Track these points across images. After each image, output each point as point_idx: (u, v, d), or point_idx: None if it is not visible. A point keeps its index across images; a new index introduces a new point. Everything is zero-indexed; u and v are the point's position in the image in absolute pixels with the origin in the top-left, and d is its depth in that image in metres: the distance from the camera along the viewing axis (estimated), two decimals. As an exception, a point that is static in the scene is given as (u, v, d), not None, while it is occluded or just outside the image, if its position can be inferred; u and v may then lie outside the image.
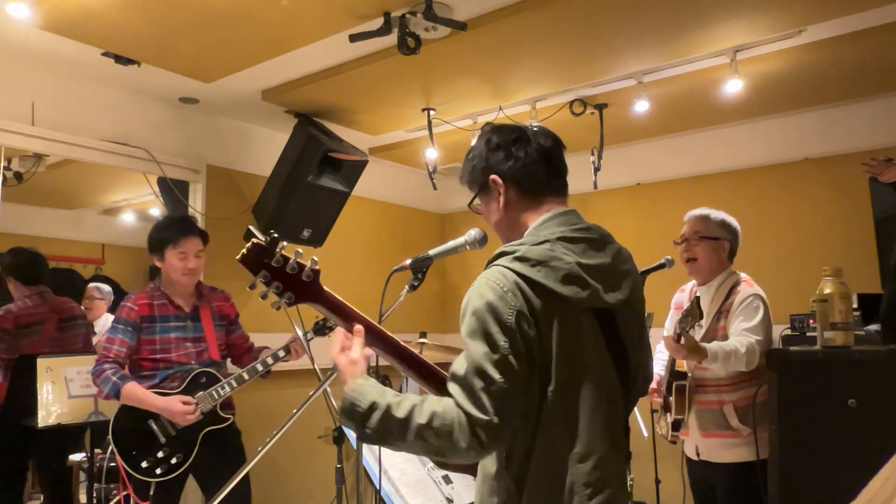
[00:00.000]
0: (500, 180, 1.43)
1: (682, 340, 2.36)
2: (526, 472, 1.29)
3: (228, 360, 3.12)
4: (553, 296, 1.27)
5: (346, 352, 1.38)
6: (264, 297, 1.37)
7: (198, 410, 2.72)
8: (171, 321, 2.85)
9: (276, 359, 2.90)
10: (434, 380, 1.42)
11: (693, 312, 2.39)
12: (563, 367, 1.27)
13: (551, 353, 1.27)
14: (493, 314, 1.24)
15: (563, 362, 1.27)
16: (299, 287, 1.37)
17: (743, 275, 2.63)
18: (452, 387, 1.25)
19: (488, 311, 1.25)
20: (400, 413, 1.24)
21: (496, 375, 1.21)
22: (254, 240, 1.36)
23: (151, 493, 2.72)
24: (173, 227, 2.88)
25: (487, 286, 1.27)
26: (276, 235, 1.36)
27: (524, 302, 1.25)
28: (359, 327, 1.38)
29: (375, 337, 1.40)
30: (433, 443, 1.22)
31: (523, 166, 1.43)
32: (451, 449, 1.21)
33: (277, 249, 1.36)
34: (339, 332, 1.41)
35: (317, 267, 1.38)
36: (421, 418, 1.22)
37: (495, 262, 1.33)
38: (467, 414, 1.20)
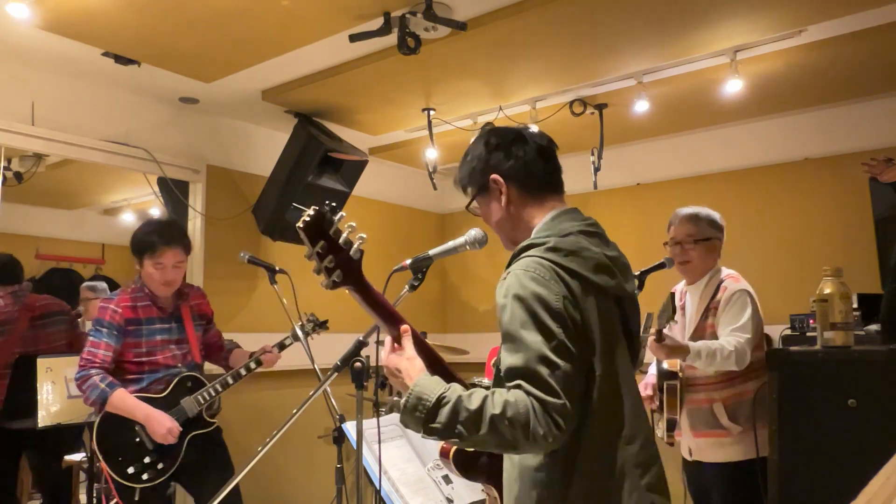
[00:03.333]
0: (501, 179, 1.46)
1: (666, 340, 2.37)
2: (574, 459, 1.29)
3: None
4: (588, 283, 1.31)
5: (400, 352, 1.38)
6: (318, 272, 1.32)
7: (175, 438, 2.65)
8: (156, 323, 2.79)
9: (249, 370, 2.88)
10: (448, 378, 1.42)
11: (667, 308, 2.42)
12: (607, 352, 1.32)
13: (594, 338, 1.30)
14: (541, 303, 1.26)
15: (606, 347, 1.32)
16: (348, 265, 1.33)
17: (728, 271, 2.62)
18: (515, 380, 1.24)
19: (536, 301, 1.26)
20: (472, 405, 1.22)
21: (559, 360, 1.23)
22: (313, 207, 1.31)
23: (136, 498, 2.66)
24: (155, 234, 2.76)
25: (527, 276, 1.29)
26: (334, 205, 1.33)
27: (566, 288, 1.29)
28: (405, 327, 1.39)
29: (417, 345, 1.41)
30: (507, 434, 1.20)
31: (524, 165, 1.47)
32: (526, 438, 1.19)
33: (336, 219, 1.32)
34: (388, 340, 1.41)
35: (363, 247, 1.35)
36: (495, 409, 1.21)
37: (525, 255, 1.35)
38: (541, 401, 1.20)
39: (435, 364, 1.43)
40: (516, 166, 1.46)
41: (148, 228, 2.83)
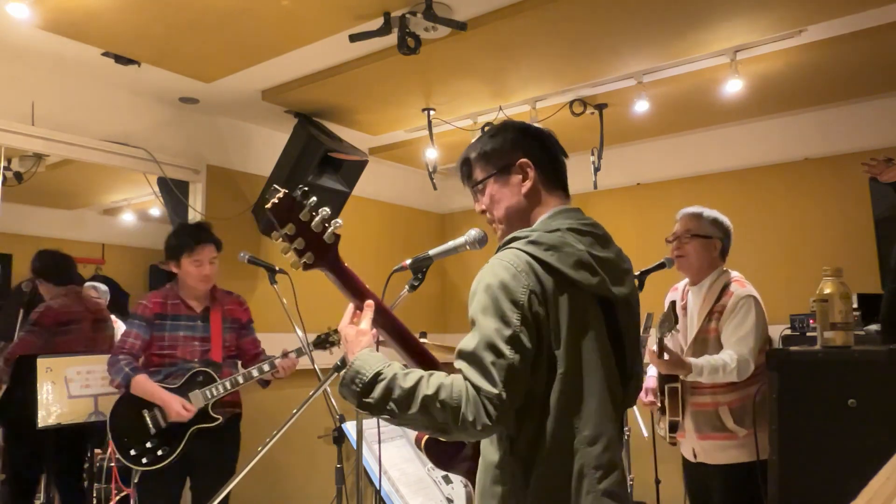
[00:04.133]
0: (531, 164, 1.46)
1: (666, 355, 2.36)
2: (534, 457, 1.28)
3: (239, 362, 3.18)
4: (564, 279, 1.30)
5: (354, 323, 1.38)
6: (286, 252, 1.34)
7: (190, 415, 2.80)
8: (181, 320, 2.98)
9: (262, 371, 2.96)
10: (417, 355, 1.42)
11: (669, 317, 2.39)
12: (573, 350, 1.29)
13: (561, 335, 1.28)
14: (506, 292, 1.26)
15: (573, 345, 1.29)
16: (320, 248, 1.34)
17: (735, 274, 2.61)
18: (460, 362, 1.25)
19: (501, 289, 1.26)
20: (406, 383, 1.23)
21: (507, 351, 1.21)
22: (284, 190, 1.32)
23: (136, 480, 2.88)
24: (189, 235, 2.99)
25: (500, 266, 1.29)
26: (306, 189, 1.33)
27: (536, 282, 1.28)
28: (369, 301, 1.39)
29: (384, 318, 1.40)
30: (438, 416, 1.20)
31: (554, 159, 1.50)
32: (455, 423, 1.19)
33: (307, 203, 1.33)
34: (350, 307, 1.41)
35: (339, 231, 1.36)
36: (428, 389, 1.21)
37: (508, 246, 1.36)
38: (476, 387, 1.19)
39: (411, 347, 1.41)
40: (547, 158, 1.48)
41: (182, 231, 3.06)
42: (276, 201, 1.31)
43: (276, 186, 1.34)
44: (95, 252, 6.30)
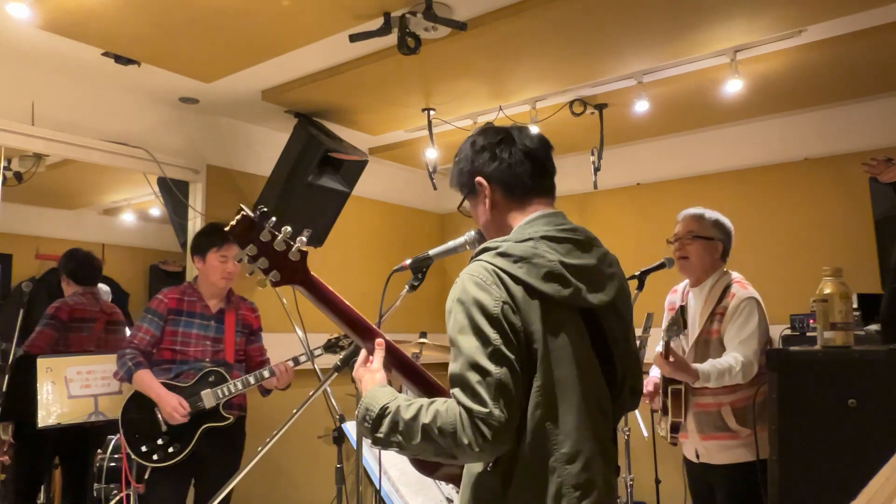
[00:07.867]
0: (485, 182, 1.44)
1: (671, 357, 2.36)
2: (512, 473, 1.26)
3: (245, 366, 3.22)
4: (534, 292, 1.27)
5: (368, 364, 1.41)
6: (251, 273, 1.35)
7: (184, 416, 2.81)
8: (196, 318, 3.03)
9: (272, 373, 3.01)
10: (427, 387, 1.43)
11: (678, 321, 2.39)
12: (549, 364, 1.26)
13: (536, 348, 1.26)
14: (480, 308, 1.24)
15: (549, 359, 1.26)
16: (286, 267, 1.36)
17: (735, 275, 2.61)
18: (453, 388, 1.24)
19: (475, 306, 1.25)
20: (408, 414, 1.23)
21: (491, 367, 1.20)
22: (243, 212, 1.35)
23: (146, 476, 2.91)
24: (220, 233, 3.05)
25: (471, 281, 1.28)
26: (265, 210, 1.35)
27: (507, 294, 1.26)
28: (380, 341, 1.40)
29: (393, 356, 1.41)
30: (440, 442, 1.20)
31: (508, 167, 1.43)
32: (457, 447, 1.19)
33: (266, 224, 1.34)
34: (363, 353, 1.43)
35: (304, 248, 1.37)
36: (426, 418, 1.21)
37: (477, 258, 1.34)
38: (467, 409, 1.18)
39: (410, 372, 1.43)
40: (500, 169, 1.43)
41: (213, 229, 3.14)
42: (234, 223, 1.34)
43: (242, 206, 1.36)
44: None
